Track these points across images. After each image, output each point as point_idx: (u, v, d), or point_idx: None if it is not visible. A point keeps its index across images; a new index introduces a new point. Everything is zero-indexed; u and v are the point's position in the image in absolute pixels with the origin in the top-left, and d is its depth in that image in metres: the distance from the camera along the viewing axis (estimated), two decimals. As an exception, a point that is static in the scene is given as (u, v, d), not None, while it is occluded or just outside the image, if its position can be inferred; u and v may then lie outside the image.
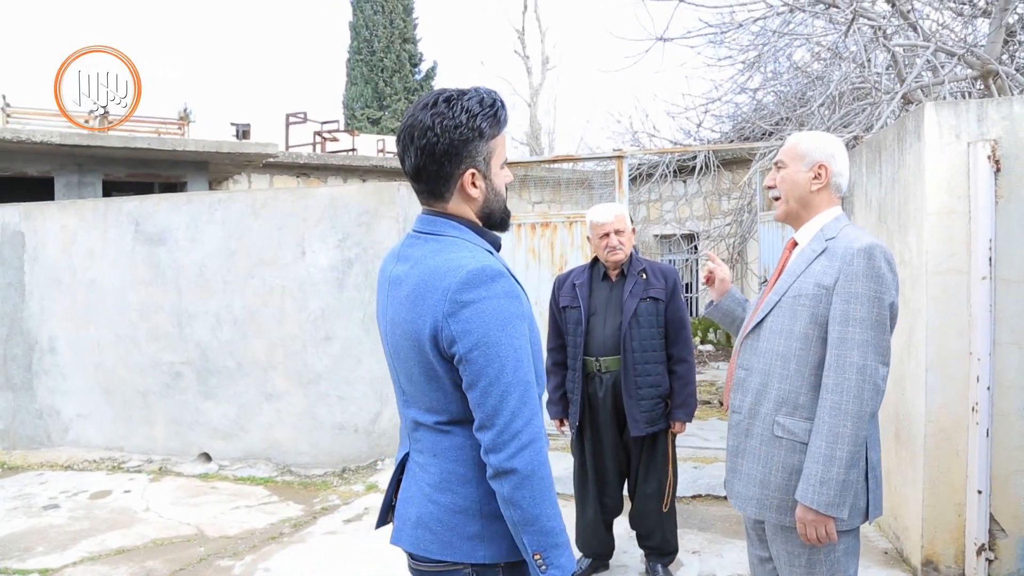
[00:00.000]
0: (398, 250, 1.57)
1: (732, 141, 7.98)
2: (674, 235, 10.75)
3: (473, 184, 1.49)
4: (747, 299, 2.42)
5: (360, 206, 5.37)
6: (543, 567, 1.39)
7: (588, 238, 3.32)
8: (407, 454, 1.59)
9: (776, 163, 2.10)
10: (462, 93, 1.47)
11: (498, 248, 1.58)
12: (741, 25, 5.48)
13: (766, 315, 2.03)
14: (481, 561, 1.46)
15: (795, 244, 2.11)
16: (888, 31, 5.44)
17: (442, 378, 1.45)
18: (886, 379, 1.91)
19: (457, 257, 1.44)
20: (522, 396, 1.40)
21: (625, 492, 3.51)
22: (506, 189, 1.60)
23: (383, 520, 1.67)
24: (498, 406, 1.38)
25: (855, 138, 4.57)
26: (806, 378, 1.95)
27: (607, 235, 3.22)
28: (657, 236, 11.98)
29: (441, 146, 1.44)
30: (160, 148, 8.54)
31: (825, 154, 2.05)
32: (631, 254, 3.34)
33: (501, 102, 1.51)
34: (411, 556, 1.53)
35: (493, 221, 1.58)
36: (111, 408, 5.96)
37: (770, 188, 2.11)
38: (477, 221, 1.55)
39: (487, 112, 1.47)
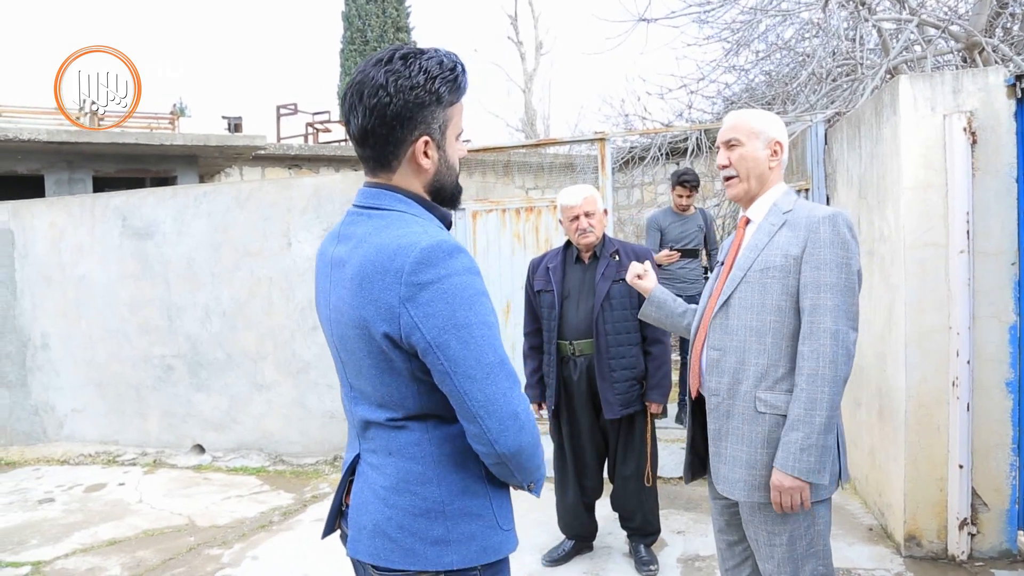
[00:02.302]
0: (338, 230, 1.41)
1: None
2: (668, 218, 10.69)
3: (425, 154, 1.34)
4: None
5: (344, 195, 5.36)
6: (532, 487, 1.41)
7: (560, 221, 3.30)
8: (357, 455, 1.42)
9: (728, 142, 2.07)
10: (421, 52, 1.32)
11: (448, 226, 1.41)
12: (723, 4, 5.42)
13: (732, 292, 2.00)
14: (450, 567, 1.32)
15: (747, 221, 2.09)
16: (874, 6, 5.39)
17: (398, 370, 1.30)
18: (855, 344, 1.91)
19: (407, 233, 1.27)
20: (508, 374, 1.29)
21: (607, 475, 3.52)
22: (459, 164, 1.45)
23: (330, 528, 1.52)
24: (490, 392, 1.26)
25: (837, 114, 4.54)
26: (783, 350, 1.94)
27: (576, 218, 3.20)
28: (652, 219, 11.91)
29: (393, 107, 1.28)
30: (148, 143, 8.53)
31: (778, 131, 2.06)
32: (604, 236, 3.32)
33: (462, 66, 1.36)
34: (373, 567, 1.36)
35: (444, 196, 1.42)
36: (105, 402, 6.00)
37: (724, 167, 2.08)
38: (425, 195, 1.39)
39: (447, 75, 1.32)
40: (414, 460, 1.33)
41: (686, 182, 5.34)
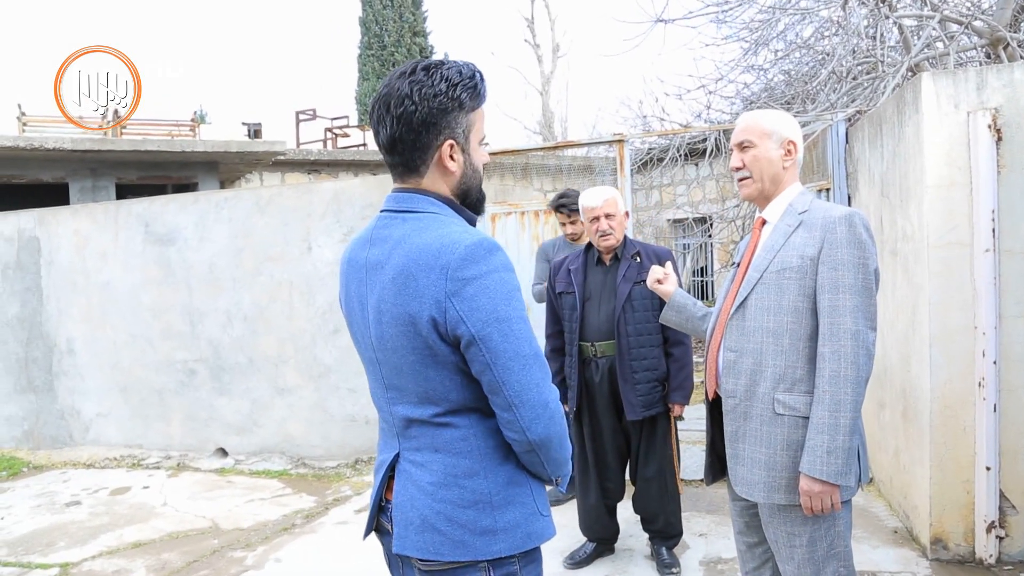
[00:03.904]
0: (369, 234, 1.47)
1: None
2: (687, 219, 10.66)
3: (451, 157, 1.42)
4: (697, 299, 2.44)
5: (363, 199, 5.40)
6: (558, 481, 1.50)
7: (581, 223, 3.30)
8: (396, 455, 1.47)
9: (741, 144, 2.06)
10: (442, 63, 1.41)
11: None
12: (741, 3, 5.40)
13: (749, 293, 2.00)
14: (497, 555, 1.39)
15: (763, 222, 2.09)
16: (894, 2, 5.34)
17: (443, 362, 1.36)
18: (874, 344, 1.90)
19: (450, 232, 1.35)
20: (541, 366, 1.38)
21: (628, 477, 3.50)
22: (483, 168, 1.53)
23: (371, 527, 1.56)
24: (525, 382, 1.34)
25: (858, 112, 4.49)
26: (801, 351, 1.92)
27: (597, 219, 3.19)
28: (670, 220, 11.90)
29: (419, 115, 1.37)
30: (170, 150, 8.64)
31: (791, 130, 2.06)
32: (624, 237, 3.31)
33: (481, 75, 1.44)
34: (420, 560, 1.42)
35: (470, 200, 1.49)
36: (129, 407, 6.07)
37: (738, 169, 2.08)
38: (453, 198, 1.46)
39: (467, 83, 1.40)
40: (461, 455, 1.40)
41: (563, 207, 4.23)
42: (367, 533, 1.58)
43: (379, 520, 1.53)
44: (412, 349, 1.36)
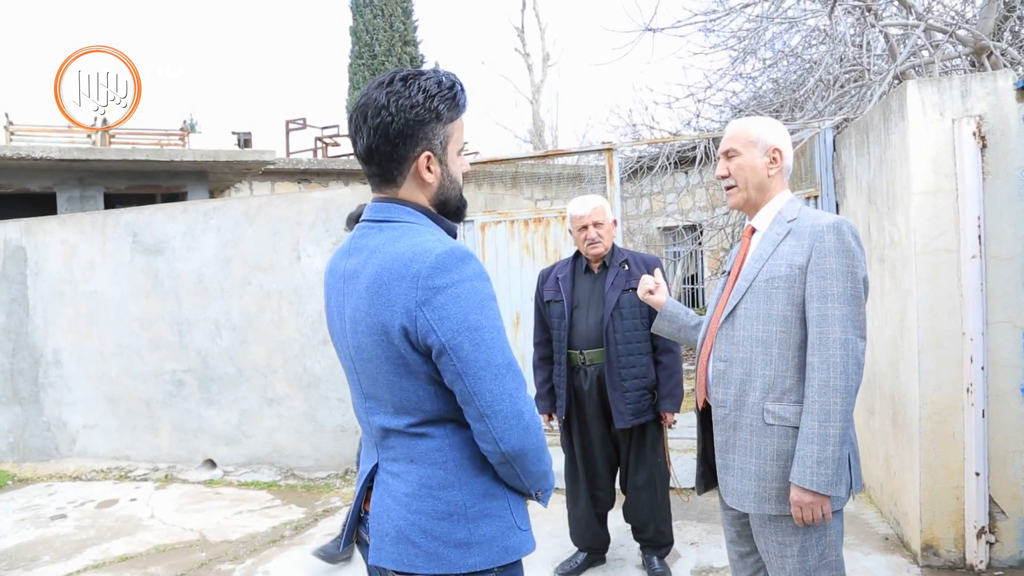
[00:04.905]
0: (348, 245, 1.48)
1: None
2: (677, 227, 10.69)
3: (428, 168, 1.41)
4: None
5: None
6: (539, 496, 1.48)
7: (569, 231, 3.30)
8: (375, 466, 1.47)
9: (726, 152, 2.06)
10: (420, 73, 1.40)
11: (453, 238, 1.47)
12: (728, 12, 5.43)
13: (738, 303, 1.99)
14: (473, 569, 1.37)
15: (753, 231, 2.08)
16: (879, 12, 5.38)
17: (416, 372, 1.35)
18: (864, 353, 1.89)
19: (422, 241, 1.35)
20: (515, 376, 1.36)
21: (619, 485, 3.49)
22: (463, 178, 1.52)
23: (349, 540, 1.56)
24: (497, 392, 1.32)
25: (845, 120, 4.53)
26: (790, 361, 1.91)
27: (585, 228, 3.19)
28: (660, 228, 11.94)
29: (395, 126, 1.36)
30: (158, 159, 8.61)
31: (777, 138, 2.04)
32: (613, 246, 3.31)
33: (460, 85, 1.43)
34: (396, 573, 1.40)
35: (448, 209, 1.49)
36: (116, 418, 6.02)
37: (723, 178, 2.08)
38: (431, 208, 1.46)
39: (445, 94, 1.39)
40: (436, 466, 1.38)
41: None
42: (345, 544, 1.58)
43: (359, 532, 1.52)
44: (386, 359, 1.36)
